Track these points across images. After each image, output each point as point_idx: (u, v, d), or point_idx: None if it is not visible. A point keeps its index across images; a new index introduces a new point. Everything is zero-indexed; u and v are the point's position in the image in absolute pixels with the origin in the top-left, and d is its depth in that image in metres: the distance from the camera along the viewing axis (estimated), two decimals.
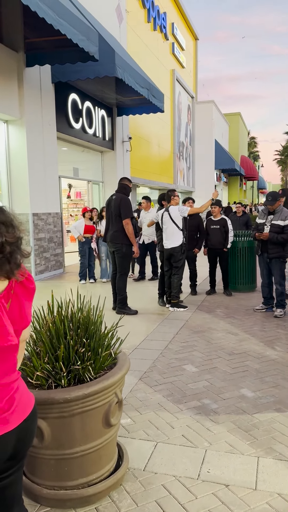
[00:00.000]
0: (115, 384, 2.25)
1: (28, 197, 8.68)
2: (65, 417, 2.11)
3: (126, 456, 2.51)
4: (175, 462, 2.60)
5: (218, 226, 7.17)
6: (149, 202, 8.72)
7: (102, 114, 12.43)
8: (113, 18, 12.82)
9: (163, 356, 4.40)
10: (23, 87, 8.40)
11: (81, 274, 8.59)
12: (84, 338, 2.29)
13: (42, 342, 2.27)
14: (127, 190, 6.23)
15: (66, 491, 2.20)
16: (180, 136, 25.06)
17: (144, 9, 17.58)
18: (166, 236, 6.35)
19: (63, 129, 10.29)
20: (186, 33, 25.96)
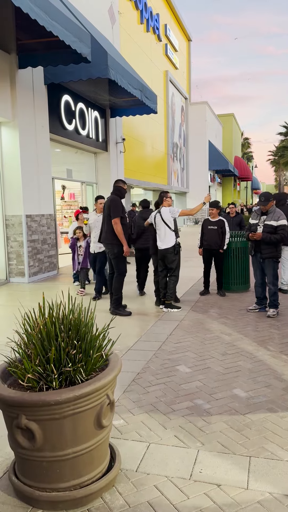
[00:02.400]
0: (107, 385, 2.25)
1: (21, 199, 8.67)
2: (56, 419, 2.11)
3: (119, 457, 2.51)
4: (168, 462, 2.61)
5: (215, 227, 7.22)
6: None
7: (95, 116, 12.43)
8: (105, 19, 12.83)
9: (156, 357, 4.41)
10: (16, 89, 8.39)
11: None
12: (75, 340, 2.29)
13: (33, 344, 2.27)
14: (122, 192, 6.25)
15: (58, 493, 2.20)
16: (174, 137, 25.11)
17: (137, 10, 17.62)
18: (159, 237, 6.39)
19: (56, 131, 10.28)
20: (179, 34, 26.04)
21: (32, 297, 7.46)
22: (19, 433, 2.16)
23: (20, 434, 2.16)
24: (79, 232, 7.66)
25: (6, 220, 8.82)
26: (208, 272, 7.49)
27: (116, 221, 5.99)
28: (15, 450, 2.28)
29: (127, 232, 6.36)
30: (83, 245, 7.70)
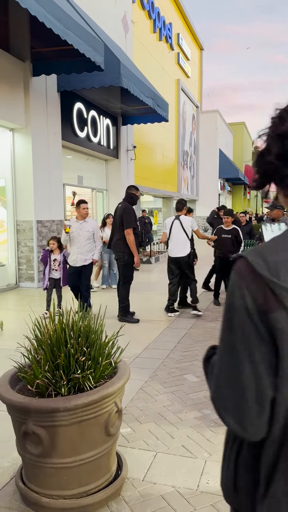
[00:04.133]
0: (115, 393, 2.25)
1: (32, 205, 8.74)
2: (64, 425, 2.12)
3: (125, 466, 2.50)
4: (175, 472, 2.59)
5: (229, 236, 7.15)
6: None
7: (107, 123, 12.53)
8: (119, 28, 12.98)
9: (164, 365, 4.40)
10: (29, 96, 8.50)
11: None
12: (85, 347, 2.30)
13: (42, 350, 2.28)
14: (134, 199, 6.26)
15: (65, 500, 2.20)
16: (185, 145, 25.19)
17: (150, 19, 17.78)
18: (174, 244, 6.39)
19: (68, 138, 10.38)
20: (191, 43, 26.20)
21: (41, 302, 7.49)
22: (27, 438, 2.16)
23: (28, 440, 2.16)
24: (53, 243, 6.34)
25: (17, 225, 8.90)
26: (221, 281, 7.42)
27: (129, 232, 6.01)
28: (22, 456, 2.29)
29: (138, 240, 6.32)
30: (59, 258, 6.38)
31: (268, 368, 0.86)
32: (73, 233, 6.20)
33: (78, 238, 6.20)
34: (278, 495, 0.88)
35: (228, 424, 0.91)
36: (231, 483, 1.00)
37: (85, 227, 6.21)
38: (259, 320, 0.85)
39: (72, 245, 6.25)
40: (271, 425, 0.88)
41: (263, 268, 0.85)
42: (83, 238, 6.17)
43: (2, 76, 7.73)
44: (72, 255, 6.27)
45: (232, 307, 0.88)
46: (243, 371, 0.87)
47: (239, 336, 0.87)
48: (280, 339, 0.83)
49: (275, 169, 0.92)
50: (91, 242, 6.24)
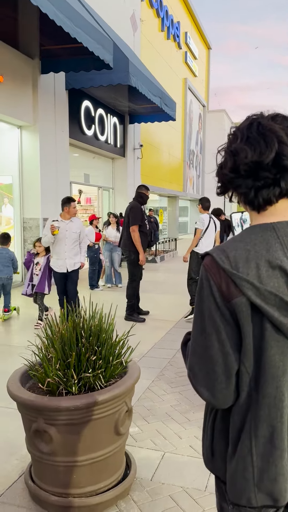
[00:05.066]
0: (125, 393, 2.25)
1: (39, 202, 8.75)
2: (75, 424, 2.12)
3: (134, 465, 2.51)
4: (183, 472, 2.59)
5: None
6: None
7: (114, 122, 12.53)
8: (127, 26, 12.96)
9: (171, 365, 4.40)
10: (37, 94, 8.50)
11: (94, 281, 8.60)
12: (96, 346, 2.30)
13: (54, 348, 2.28)
14: (143, 198, 6.23)
15: (74, 498, 2.20)
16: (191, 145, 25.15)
17: (158, 18, 17.76)
18: (209, 242, 6.32)
19: (76, 136, 10.39)
20: (199, 42, 26.14)
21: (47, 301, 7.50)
22: (37, 436, 2.16)
23: (38, 438, 2.16)
24: (39, 246, 5.82)
25: (23, 223, 8.91)
26: None
27: (134, 229, 6.00)
28: (32, 454, 2.29)
29: (146, 240, 6.28)
30: (42, 262, 5.82)
31: (233, 345, 1.03)
32: (58, 235, 5.55)
33: (64, 240, 5.57)
34: (243, 453, 1.05)
35: (202, 395, 1.08)
36: (209, 450, 1.17)
37: (72, 227, 5.62)
38: (224, 306, 1.02)
39: (57, 248, 5.58)
40: (238, 394, 1.06)
41: (225, 263, 1.02)
42: (71, 240, 5.60)
43: (11, 73, 7.73)
44: (58, 260, 5.60)
45: (202, 296, 1.05)
46: (212, 349, 1.04)
47: (208, 320, 1.04)
48: (241, 321, 1.01)
49: (230, 179, 1.09)
50: (78, 244, 5.72)
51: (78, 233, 5.68)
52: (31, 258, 5.90)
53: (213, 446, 1.16)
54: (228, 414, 1.11)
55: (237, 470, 1.07)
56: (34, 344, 2.41)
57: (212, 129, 29.55)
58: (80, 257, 5.75)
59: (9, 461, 2.71)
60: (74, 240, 5.63)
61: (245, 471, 1.05)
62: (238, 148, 1.06)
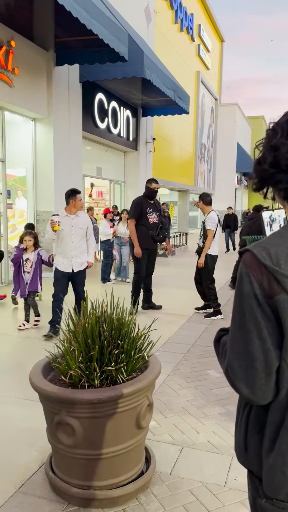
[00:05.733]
0: (147, 387, 2.25)
1: (52, 195, 8.76)
2: (97, 417, 2.12)
3: (154, 459, 2.51)
4: (202, 467, 2.59)
5: None
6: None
7: (127, 115, 12.47)
8: (141, 18, 12.85)
9: (185, 360, 4.39)
10: (52, 86, 8.48)
11: (107, 274, 8.62)
12: (119, 340, 2.30)
13: (76, 341, 2.28)
14: (149, 191, 6.22)
15: (95, 491, 2.21)
16: (202, 138, 24.97)
17: (172, 10, 17.58)
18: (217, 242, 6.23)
19: (89, 128, 10.36)
20: (212, 34, 25.86)
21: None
22: (59, 429, 2.17)
23: (60, 430, 2.17)
24: (29, 240, 5.34)
25: (37, 215, 8.93)
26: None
27: (130, 222, 6.15)
28: (53, 446, 2.30)
29: (148, 234, 6.10)
30: (32, 258, 5.39)
31: (274, 342, 1.03)
32: (63, 231, 4.97)
33: (69, 237, 5.01)
34: (283, 450, 1.06)
35: (241, 391, 1.08)
36: (243, 445, 1.17)
37: (78, 222, 5.04)
38: (265, 302, 1.02)
39: (62, 246, 5.05)
40: (278, 390, 1.06)
41: (266, 259, 1.02)
42: (78, 237, 5.04)
43: (25, 65, 7.72)
44: (64, 258, 5.05)
45: (242, 292, 1.05)
46: (253, 346, 1.04)
47: (248, 317, 1.04)
48: (283, 317, 1.01)
49: (270, 175, 1.08)
50: (85, 241, 5.17)
51: (85, 229, 5.11)
52: (20, 254, 5.41)
53: (246, 441, 1.17)
54: (262, 409, 1.12)
55: (275, 466, 1.07)
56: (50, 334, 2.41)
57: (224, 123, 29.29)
58: (87, 256, 5.19)
59: (29, 452, 2.73)
60: (81, 236, 5.07)
61: (285, 466, 1.06)
62: (278, 143, 1.06)
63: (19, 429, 3.00)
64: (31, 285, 5.38)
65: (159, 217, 6.27)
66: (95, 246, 5.30)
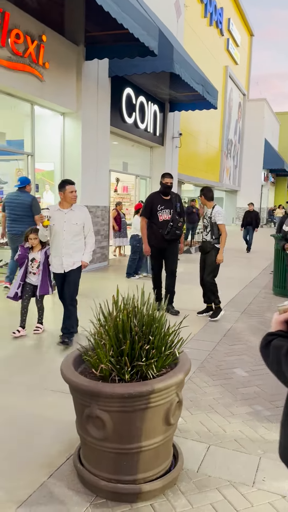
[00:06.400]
0: (178, 383, 2.24)
1: (79, 189, 8.80)
2: (127, 411, 2.13)
3: (181, 456, 2.50)
4: (229, 466, 2.57)
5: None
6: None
7: (154, 109, 12.42)
8: (171, 12, 12.74)
9: (211, 358, 4.36)
10: (81, 80, 8.51)
11: (132, 270, 8.64)
12: (150, 335, 2.29)
13: (108, 335, 2.29)
14: (163, 187, 5.90)
15: (124, 485, 2.22)
16: (229, 134, 24.68)
17: (201, 4, 17.39)
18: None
19: (116, 123, 10.36)
20: (241, 28, 25.46)
21: (86, 286, 7.60)
22: (89, 421, 2.19)
23: (90, 423, 2.19)
24: (34, 238, 4.82)
25: None
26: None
27: (141, 219, 6.09)
28: (82, 438, 2.32)
29: (157, 232, 5.80)
30: (39, 258, 4.87)
31: None
32: (54, 227, 4.50)
33: (62, 233, 4.49)
34: None
35: None
36: None
37: (71, 218, 4.50)
38: None
39: (55, 243, 4.59)
40: None
41: None
42: (70, 234, 4.51)
43: (56, 59, 7.76)
44: (55, 258, 4.59)
45: None
46: None
47: None
48: None
49: None
50: (81, 238, 4.62)
51: (81, 225, 4.55)
52: (25, 253, 4.86)
53: None
54: None
55: None
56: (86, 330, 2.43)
57: (252, 118, 28.84)
58: (82, 255, 4.64)
59: (57, 443, 2.76)
60: (74, 233, 4.52)
61: None
62: None
63: (47, 420, 3.04)
64: (42, 288, 4.85)
65: (173, 214, 5.80)
66: (93, 244, 4.75)
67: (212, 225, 5.72)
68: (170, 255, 5.99)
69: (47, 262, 4.82)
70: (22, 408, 3.22)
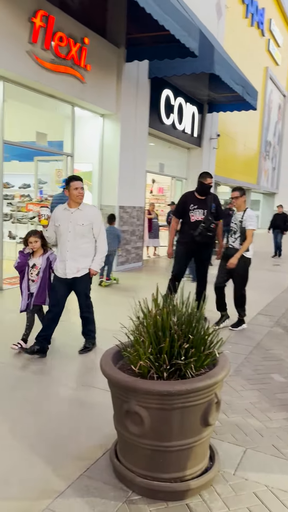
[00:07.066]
0: (217, 383, 2.22)
1: (116, 190, 8.91)
2: (166, 409, 2.13)
3: (218, 458, 2.48)
4: (266, 471, 2.52)
5: None
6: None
7: (192, 111, 12.38)
8: (212, 13, 12.67)
9: (248, 362, 4.29)
10: (121, 82, 8.59)
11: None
12: (189, 334, 2.28)
13: (147, 332, 2.30)
14: (202, 187, 5.49)
15: (159, 482, 2.22)
16: (268, 135, 24.24)
17: (243, 4, 17.20)
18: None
19: (154, 125, 10.40)
20: (284, 29, 24.96)
21: (121, 285, 7.67)
22: (128, 417, 2.20)
23: (128, 419, 2.20)
24: (35, 241, 4.26)
25: (100, 210, 9.12)
26: None
27: (172, 219, 5.73)
28: (120, 433, 2.34)
29: (189, 233, 5.37)
30: (40, 263, 4.29)
31: None
32: (59, 228, 4.12)
33: (67, 235, 4.09)
34: None
35: None
36: None
37: (77, 218, 4.08)
38: None
39: (60, 245, 4.19)
40: None
41: None
42: (75, 235, 4.08)
43: (97, 62, 7.88)
44: (60, 262, 4.17)
45: None
46: None
47: None
48: None
49: None
50: (89, 241, 4.16)
51: (88, 226, 4.10)
52: (25, 260, 4.29)
53: None
54: None
55: None
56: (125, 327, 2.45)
57: None
58: (91, 261, 4.17)
59: (94, 437, 2.80)
60: (80, 235, 4.08)
61: None
62: None
63: (84, 415, 3.09)
64: (38, 297, 4.24)
65: (206, 215, 5.36)
66: (105, 250, 4.25)
67: (242, 231, 5.18)
68: (203, 257, 5.58)
69: (49, 269, 4.30)
70: (61, 402, 3.28)
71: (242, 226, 5.15)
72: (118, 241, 7.68)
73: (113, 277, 7.85)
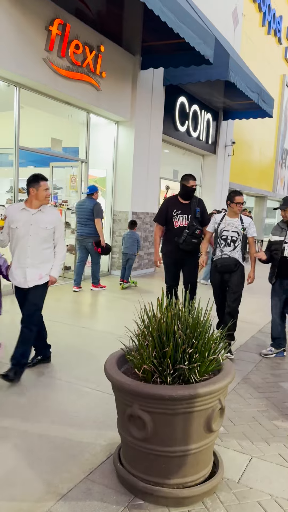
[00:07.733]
0: (221, 390, 2.21)
1: (129, 196, 8.95)
2: (169, 414, 2.12)
3: (221, 465, 2.45)
4: (272, 480, 2.49)
5: None
6: None
7: (207, 118, 12.39)
8: (228, 21, 12.71)
9: (257, 370, 4.24)
10: (136, 90, 8.67)
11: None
12: (194, 339, 2.28)
13: (151, 337, 2.30)
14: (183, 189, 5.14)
15: (162, 488, 2.21)
16: (285, 143, 24.08)
17: (260, 12, 17.18)
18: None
19: (169, 132, 10.44)
20: None
21: (134, 290, 7.68)
22: (131, 421, 2.20)
23: (131, 423, 2.20)
24: None
25: (113, 215, 9.18)
26: None
27: (155, 226, 5.38)
28: (123, 437, 2.34)
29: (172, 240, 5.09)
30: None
31: None
32: (17, 230, 3.63)
33: (27, 239, 3.62)
34: None
35: None
36: None
37: (39, 220, 3.65)
38: None
39: (17, 251, 3.67)
40: None
41: None
42: (38, 239, 3.65)
43: (113, 70, 7.97)
44: (17, 269, 3.67)
45: None
46: None
47: None
48: None
49: None
50: (50, 246, 3.75)
51: (51, 229, 3.70)
52: None
53: None
54: None
55: None
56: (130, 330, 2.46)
57: None
58: (50, 267, 3.75)
59: (97, 441, 2.80)
60: (42, 239, 3.66)
61: None
62: None
63: (88, 418, 3.09)
64: None
65: (190, 220, 5.03)
66: (64, 256, 3.87)
67: (244, 238, 4.69)
68: (188, 267, 5.21)
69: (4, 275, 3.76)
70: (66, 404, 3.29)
71: (244, 234, 4.67)
72: (137, 246, 7.98)
73: (132, 280, 8.16)
